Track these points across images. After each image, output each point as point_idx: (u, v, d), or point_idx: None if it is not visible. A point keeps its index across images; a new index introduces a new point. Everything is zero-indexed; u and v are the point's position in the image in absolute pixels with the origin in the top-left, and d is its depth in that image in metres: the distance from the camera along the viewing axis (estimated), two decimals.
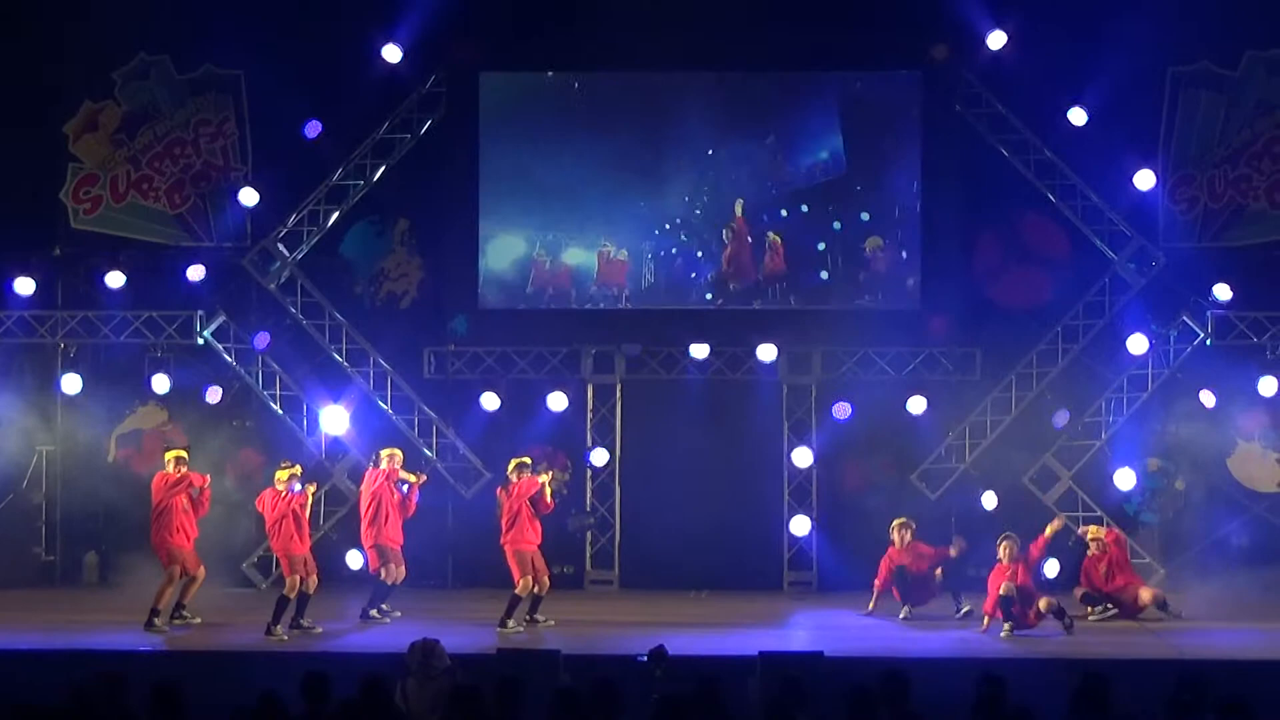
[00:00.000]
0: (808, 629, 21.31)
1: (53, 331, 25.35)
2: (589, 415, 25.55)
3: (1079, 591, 22.31)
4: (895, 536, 22.36)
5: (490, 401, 25.19)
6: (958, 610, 21.94)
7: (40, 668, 17.19)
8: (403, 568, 21.75)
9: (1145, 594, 22.10)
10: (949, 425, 25.19)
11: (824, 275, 25.64)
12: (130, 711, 12.03)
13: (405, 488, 21.82)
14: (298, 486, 20.95)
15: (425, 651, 14.23)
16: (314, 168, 25.45)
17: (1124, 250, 24.85)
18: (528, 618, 21.06)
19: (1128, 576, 22.46)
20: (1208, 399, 24.60)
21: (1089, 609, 22.04)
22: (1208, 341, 24.49)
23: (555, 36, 25.12)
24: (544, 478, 21.47)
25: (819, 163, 25.64)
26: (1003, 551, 20.93)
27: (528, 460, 21.75)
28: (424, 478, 22.44)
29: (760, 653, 16.45)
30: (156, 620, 20.45)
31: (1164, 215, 25.33)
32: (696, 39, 24.72)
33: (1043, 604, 20.56)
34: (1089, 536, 22.82)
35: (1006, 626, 20.45)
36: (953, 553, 22.22)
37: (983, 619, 20.81)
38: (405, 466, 22.12)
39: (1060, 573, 23.31)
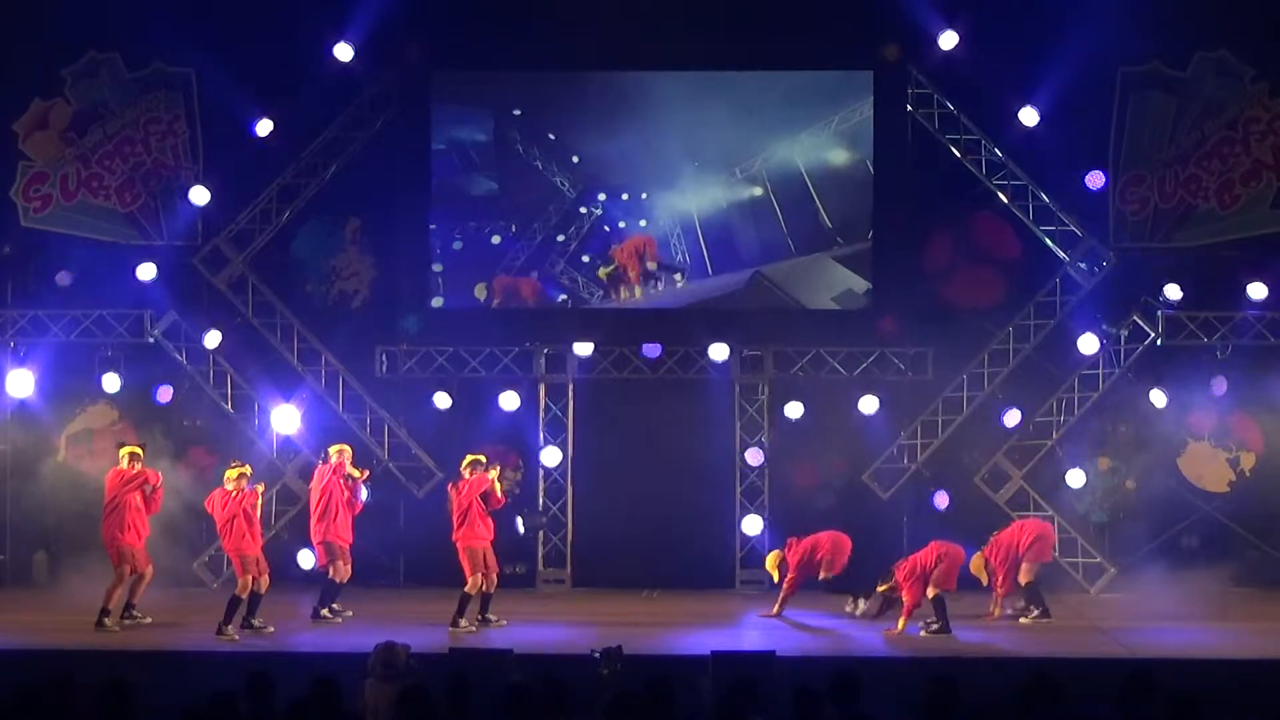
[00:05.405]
0: (760, 628, 21.29)
1: (2, 330, 25.18)
2: (541, 415, 25.52)
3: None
4: None
5: (442, 401, 25.18)
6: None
7: None
8: (349, 566, 21.70)
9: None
10: (901, 425, 25.27)
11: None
12: (78, 711, 11.95)
13: (349, 482, 21.77)
14: (247, 486, 20.87)
15: (385, 654, 14.18)
16: (265, 166, 25.39)
17: (1075, 250, 24.94)
18: (480, 617, 21.04)
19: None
20: (1158, 399, 24.71)
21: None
22: (1158, 341, 24.61)
23: (508, 36, 25.07)
24: (493, 473, 21.49)
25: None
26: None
27: (482, 458, 21.72)
28: (367, 473, 22.39)
29: (712, 652, 16.43)
30: (106, 620, 20.35)
31: (1114, 215, 25.45)
32: (651, 40, 24.69)
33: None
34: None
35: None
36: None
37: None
38: (354, 463, 22.08)
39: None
